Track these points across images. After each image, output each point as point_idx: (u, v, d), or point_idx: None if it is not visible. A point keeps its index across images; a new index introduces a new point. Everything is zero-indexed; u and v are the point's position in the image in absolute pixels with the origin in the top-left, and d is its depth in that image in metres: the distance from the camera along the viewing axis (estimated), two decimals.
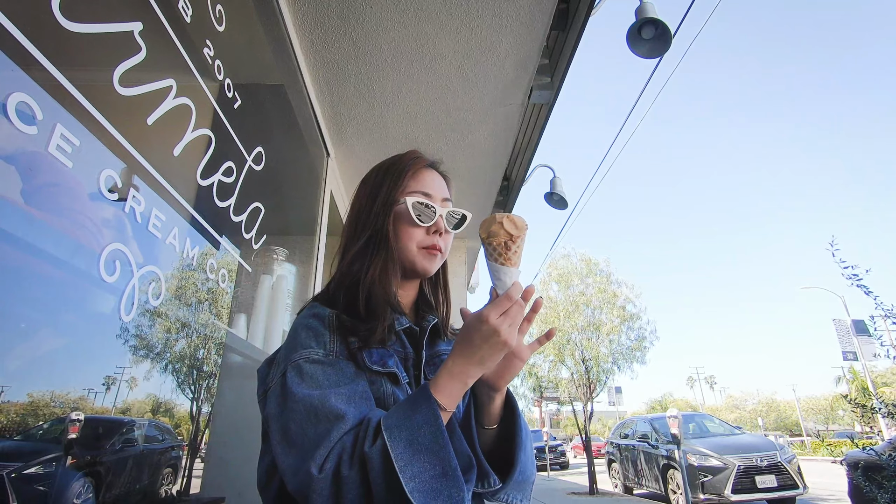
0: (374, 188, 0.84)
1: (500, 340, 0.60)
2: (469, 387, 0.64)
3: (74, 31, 0.78)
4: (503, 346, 0.61)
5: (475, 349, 0.61)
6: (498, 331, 0.60)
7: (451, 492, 0.56)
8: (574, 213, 7.33)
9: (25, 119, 0.67)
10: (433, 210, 0.80)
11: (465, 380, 0.62)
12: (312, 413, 0.61)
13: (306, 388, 0.63)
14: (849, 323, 17.00)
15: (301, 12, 1.91)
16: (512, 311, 0.61)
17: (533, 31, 2.02)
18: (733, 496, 5.85)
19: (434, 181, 0.85)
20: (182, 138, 1.10)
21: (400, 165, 0.85)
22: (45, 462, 0.78)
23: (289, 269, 2.22)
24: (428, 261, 0.80)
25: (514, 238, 0.64)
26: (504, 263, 0.64)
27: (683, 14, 3.17)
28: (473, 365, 0.62)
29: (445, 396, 0.61)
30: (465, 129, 2.66)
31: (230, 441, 1.60)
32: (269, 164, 1.66)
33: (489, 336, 0.60)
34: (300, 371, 0.65)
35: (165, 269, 1.05)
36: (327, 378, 0.65)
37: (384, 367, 0.70)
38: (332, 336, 0.70)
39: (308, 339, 0.69)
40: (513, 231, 0.64)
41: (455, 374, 0.62)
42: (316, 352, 0.67)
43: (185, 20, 1.13)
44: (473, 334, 0.62)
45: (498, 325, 0.60)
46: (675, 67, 4.53)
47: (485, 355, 0.62)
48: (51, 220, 0.76)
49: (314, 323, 0.71)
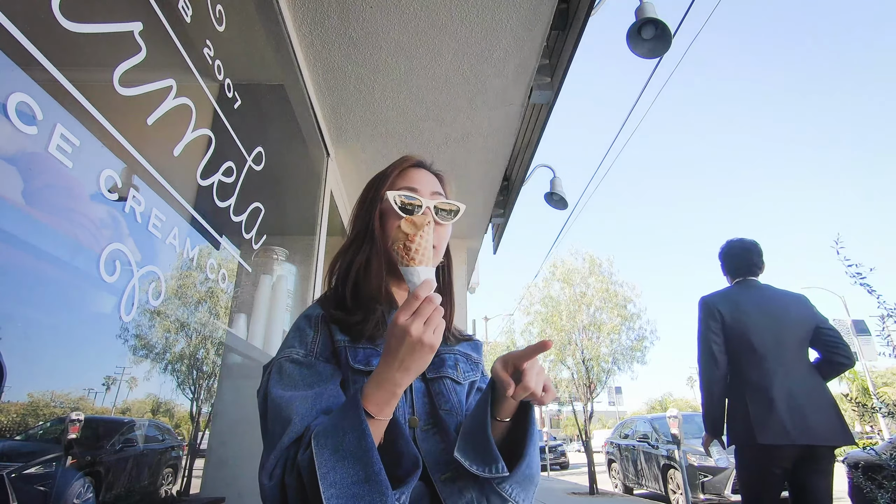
0: (365, 192, 0.87)
1: (415, 341, 0.58)
2: (399, 395, 0.62)
3: (74, 31, 0.78)
4: (420, 345, 0.59)
5: (394, 354, 0.60)
6: (408, 330, 0.58)
7: (373, 497, 0.55)
8: (574, 213, 7.34)
9: (25, 119, 0.67)
10: (418, 202, 0.80)
11: (391, 388, 0.61)
12: (276, 413, 0.64)
13: (281, 387, 0.67)
14: (849, 323, 16.98)
15: (301, 12, 1.91)
16: (422, 309, 0.59)
17: (533, 31, 2.02)
18: (733, 496, 5.84)
19: (422, 178, 0.85)
20: (182, 138, 1.10)
21: (387, 169, 0.87)
22: (45, 462, 0.78)
23: (289, 269, 2.22)
24: None
25: (411, 237, 0.65)
26: (408, 264, 0.65)
27: (683, 14, 3.17)
28: (395, 370, 0.60)
29: (373, 404, 0.61)
30: (465, 129, 2.66)
31: (230, 441, 1.60)
32: (269, 164, 1.66)
33: (402, 337, 0.59)
34: (280, 370, 0.69)
35: (165, 269, 1.05)
36: (303, 378, 0.68)
37: (367, 365, 0.72)
38: (315, 336, 0.73)
39: (293, 338, 0.73)
40: (409, 230, 0.66)
41: (381, 381, 0.61)
42: (297, 351, 0.71)
43: (185, 20, 1.13)
44: (390, 340, 0.61)
45: (407, 325, 0.58)
46: (676, 67, 4.53)
47: (405, 359, 0.60)
48: (51, 220, 0.76)
49: (302, 323, 0.75)
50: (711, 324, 2.17)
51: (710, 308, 2.21)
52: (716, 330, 2.15)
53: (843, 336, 2.20)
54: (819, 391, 2.01)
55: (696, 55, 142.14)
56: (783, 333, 2.08)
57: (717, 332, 2.15)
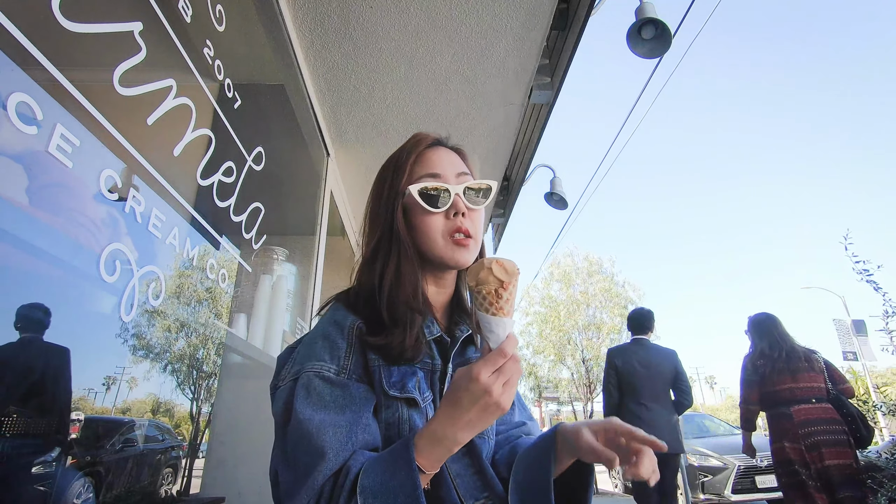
0: (380, 185, 0.77)
1: (492, 402, 0.53)
2: (454, 452, 0.57)
3: (74, 31, 0.78)
4: (495, 408, 0.54)
5: (463, 411, 0.54)
6: (490, 391, 0.53)
7: None
8: (574, 213, 7.34)
9: (25, 119, 0.67)
10: (445, 191, 0.71)
11: (449, 446, 0.56)
12: (306, 441, 0.58)
13: (310, 408, 0.60)
14: (849, 323, 16.97)
15: (301, 12, 1.91)
16: (506, 368, 0.54)
17: (533, 31, 2.02)
18: (733, 496, 5.84)
19: (442, 159, 0.75)
20: (182, 138, 1.10)
21: (401, 154, 0.76)
22: (45, 462, 0.78)
23: (289, 269, 2.22)
24: (458, 251, 0.71)
25: (504, 285, 0.57)
26: (496, 314, 0.57)
27: (683, 14, 3.17)
28: (460, 429, 0.55)
29: (426, 459, 0.56)
30: (465, 129, 2.66)
31: (230, 441, 1.60)
32: (269, 164, 1.66)
33: (479, 396, 0.53)
34: (308, 386, 0.62)
35: (165, 269, 1.05)
36: (334, 400, 0.61)
37: (402, 390, 0.65)
38: (349, 350, 0.65)
39: (323, 350, 0.65)
40: (503, 277, 0.57)
41: (439, 438, 0.56)
42: (328, 367, 0.63)
43: (185, 20, 1.13)
44: (462, 394, 0.54)
45: (489, 384, 0.53)
46: (676, 67, 4.53)
47: (473, 419, 0.54)
48: (51, 220, 0.76)
49: (333, 332, 0.66)
50: (610, 370, 3.37)
51: (611, 359, 3.42)
52: (612, 374, 3.34)
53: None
54: (668, 416, 3.18)
55: (697, 55, 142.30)
56: (654, 379, 3.21)
57: (614, 375, 3.33)
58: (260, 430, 1.78)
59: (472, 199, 0.72)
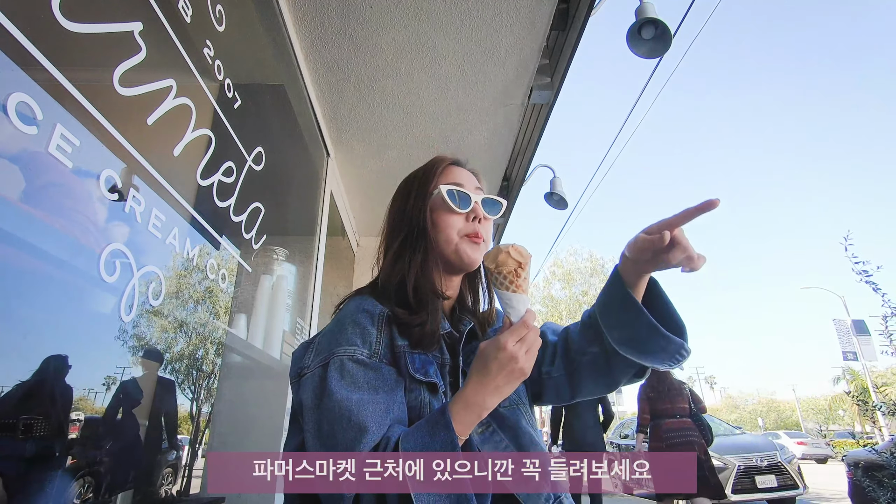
0: (406, 191, 0.85)
1: (518, 367, 0.60)
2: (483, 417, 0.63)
3: (74, 31, 0.78)
4: (520, 373, 0.61)
5: (491, 377, 0.61)
6: (516, 357, 0.60)
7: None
8: (574, 213, 7.34)
9: (25, 119, 0.67)
10: (468, 196, 0.80)
11: (479, 411, 0.62)
12: (346, 418, 0.61)
13: (345, 389, 0.63)
14: (849, 323, 16.99)
15: (301, 12, 1.91)
16: (528, 338, 0.62)
17: (533, 31, 2.02)
18: (733, 496, 5.84)
19: (462, 175, 0.85)
20: (182, 138, 1.10)
21: (427, 167, 0.85)
22: (45, 462, 0.78)
23: (289, 269, 2.22)
24: (472, 249, 0.79)
25: (522, 265, 0.66)
26: (516, 290, 0.65)
27: (683, 14, 3.17)
28: (489, 394, 0.61)
29: (459, 424, 0.60)
30: (465, 129, 2.66)
31: (230, 441, 1.60)
32: (269, 164, 1.66)
33: (506, 363, 0.60)
34: (342, 368, 0.65)
35: (165, 269, 1.05)
36: (368, 382, 0.65)
37: (425, 375, 0.70)
38: (378, 336, 0.69)
39: (354, 335, 0.69)
40: (520, 259, 0.66)
41: (471, 403, 0.61)
42: (361, 351, 0.67)
43: (185, 20, 1.13)
44: (490, 363, 0.61)
45: (515, 351, 0.60)
46: (676, 67, 4.53)
47: (500, 383, 0.61)
48: (51, 220, 0.76)
49: (363, 319, 0.70)
50: None
51: None
52: None
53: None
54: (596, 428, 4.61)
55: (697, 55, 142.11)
56: None
57: None
58: (260, 430, 1.79)
59: (489, 210, 0.82)
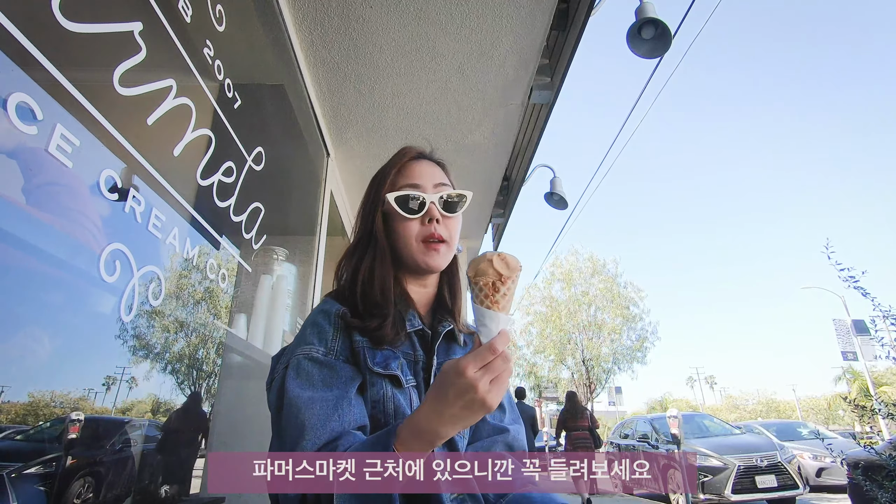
0: (368, 192, 0.85)
1: (478, 398, 0.51)
2: (437, 446, 0.56)
3: (74, 31, 0.78)
4: (481, 406, 0.52)
5: (447, 405, 0.52)
6: (475, 386, 0.51)
7: None
8: (574, 213, 7.34)
9: (25, 119, 0.67)
10: (420, 199, 0.77)
11: (431, 440, 0.54)
12: (295, 415, 0.62)
13: (299, 387, 0.65)
14: (849, 323, 16.97)
15: (301, 12, 1.91)
16: (494, 365, 0.52)
17: (533, 32, 2.02)
18: (733, 496, 5.84)
19: (423, 171, 0.82)
20: (182, 138, 1.10)
21: (387, 165, 0.84)
22: (45, 462, 0.78)
23: (289, 269, 2.22)
24: (430, 256, 0.77)
25: (503, 279, 0.56)
26: (490, 307, 0.56)
27: (684, 14, 3.17)
28: (444, 424, 0.53)
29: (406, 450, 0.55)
30: (465, 129, 2.66)
31: (230, 441, 1.59)
32: (269, 164, 1.66)
33: (464, 391, 0.51)
34: (298, 368, 0.67)
35: (165, 269, 1.05)
36: (322, 379, 0.66)
37: (385, 369, 0.69)
38: (335, 334, 0.70)
39: (312, 335, 0.70)
40: (503, 271, 0.56)
41: (422, 431, 0.54)
42: (317, 349, 0.69)
43: (185, 20, 1.13)
44: (448, 388, 0.52)
45: (475, 379, 0.51)
46: (676, 67, 4.53)
47: (457, 413, 0.52)
48: (51, 220, 0.76)
49: (320, 319, 0.72)
50: None
51: None
52: None
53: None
54: None
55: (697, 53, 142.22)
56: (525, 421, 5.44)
57: None
58: (260, 430, 1.78)
59: (448, 206, 0.79)
